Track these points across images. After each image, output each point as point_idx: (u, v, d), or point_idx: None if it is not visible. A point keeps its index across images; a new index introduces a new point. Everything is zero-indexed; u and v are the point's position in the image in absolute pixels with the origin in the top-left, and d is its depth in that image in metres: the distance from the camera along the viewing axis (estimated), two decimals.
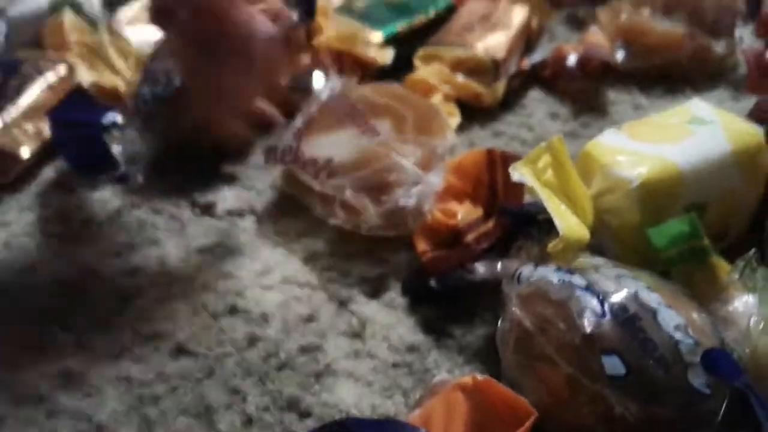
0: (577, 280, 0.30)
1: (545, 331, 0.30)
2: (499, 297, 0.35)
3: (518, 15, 0.56)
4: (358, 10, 0.58)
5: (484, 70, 0.52)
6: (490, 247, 0.38)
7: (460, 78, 0.52)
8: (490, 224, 0.40)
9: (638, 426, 0.28)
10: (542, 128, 0.51)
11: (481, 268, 0.36)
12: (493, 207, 0.41)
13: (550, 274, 0.31)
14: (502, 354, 0.32)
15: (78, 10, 0.61)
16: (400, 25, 0.57)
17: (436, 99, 0.50)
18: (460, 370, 0.34)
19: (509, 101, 0.53)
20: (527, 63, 0.55)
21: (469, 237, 0.39)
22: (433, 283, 0.38)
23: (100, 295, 0.39)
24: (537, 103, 0.54)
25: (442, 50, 0.53)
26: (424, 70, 0.52)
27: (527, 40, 0.57)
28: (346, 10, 0.58)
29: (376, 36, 0.55)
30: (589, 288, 0.30)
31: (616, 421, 0.28)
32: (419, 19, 0.57)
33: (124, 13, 0.62)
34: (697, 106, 0.42)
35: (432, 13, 0.58)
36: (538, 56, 0.56)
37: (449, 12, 0.59)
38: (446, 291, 0.38)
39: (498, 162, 0.42)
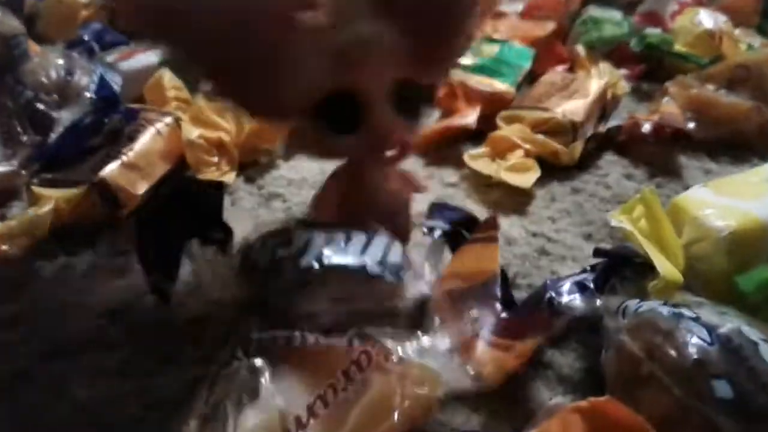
0: (686, 312, 0.32)
1: (654, 357, 0.31)
2: (588, 333, 0.38)
3: (595, 85, 0.59)
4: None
5: (562, 130, 0.55)
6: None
7: (540, 137, 0.55)
8: None
9: None
10: (619, 187, 0.53)
11: (580, 304, 0.38)
12: None
13: (658, 306, 0.33)
14: (608, 379, 0.34)
15: (182, 68, 0.65)
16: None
17: (518, 155, 0.54)
18: (562, 399, 0.36)
19: (586, 162, 0.56)
20: (603, 128, 0.58)
21: None
22: None
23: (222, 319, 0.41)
24: (612, 164, 0.56)
25: (523, 113, 0.57)
26: (507, 129, 0.56)
27: (603, 108, 0.60)
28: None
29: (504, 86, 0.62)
30: (697, 319, 0.32)
31: None
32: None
33: None
34: None
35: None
36: (612, 122, 0.59)
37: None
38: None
39: None
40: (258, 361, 0.33)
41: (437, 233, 0.44)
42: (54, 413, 0.36)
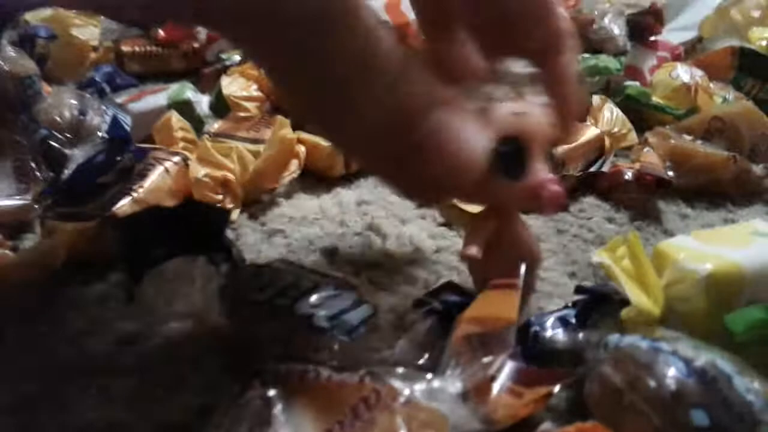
0: (664, 346, 0.34)
1: (635, 389, 0.33)
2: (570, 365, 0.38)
3: (591, 132, 0.62)
4: None
5: None
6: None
7: None
8: None
9: None
10: (601, 230, 0.55)
11: (562, 338, 0.40)
12: None
13: (638, 341, 0.35)
14: (592, 409, 0.35)
15: (190, 110, 0.67)
16: None
17: None
18: (551, 426, 0.37)
19: (570, 206, 0.58)
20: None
21: None
22: None
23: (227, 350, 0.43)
24: (594, 208, 0.58)
25: None
26: None
27: (600, 154, 0.63)
28: None
29: None
30: (674, 353, 0.33)
31: None
32: None
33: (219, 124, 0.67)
34: (759, 223, 0.46)
35: None
36: (595, 168, 0.61)
37: None
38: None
39: None
40: (272, 392, 0.34)
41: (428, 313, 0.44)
42: None
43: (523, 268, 0.41)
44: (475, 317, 0.39)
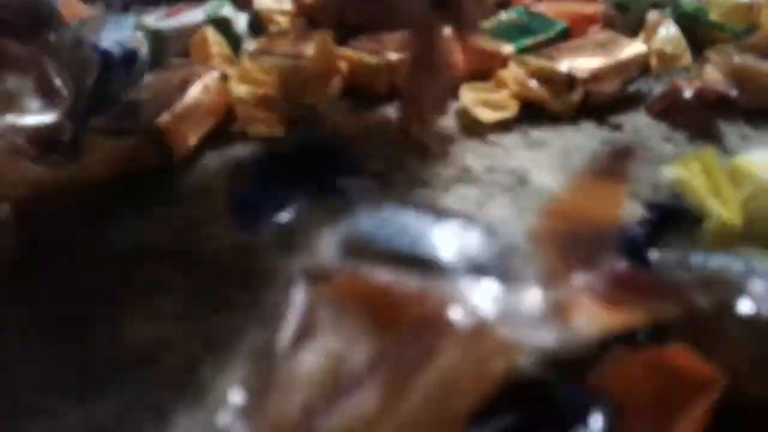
0: (756, 264, 0.30)
1: (727, 314, 0.29)
2: None
3: (631, 49, 0.57)
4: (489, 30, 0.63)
5: (557, 81, 0.54)
6: None
7: (531, 82, 0.54)
8: None
9: None
10: (659, 149, 0.51)
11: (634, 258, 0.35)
12: None
13: (729, 260, 0.31)
14: (672, 335, 0.31)
15: (227, 27, 0.63)
16: (527, 42, 0.60)
17: (502, 93, 0.54)
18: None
19: (625, 126, 0.54)
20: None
21: None
22: None
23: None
24: (651, 128, 0.54)
25: (531, 60, 0.55)
26: (508, 71, 0.55)
27: (643, 70, 0.58)
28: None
29: (509, 48, 0.59)
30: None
31: None
32: (540, 38, 0.61)
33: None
34: None
35: (551, 34, 0.62)
36: (645, 86, 0.57)
37: (564, 34, 0.62)
38: None
39: None
40: (317, 292, 0.28)
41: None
42: (112, 357, 0.35)
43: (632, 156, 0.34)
44: (570, 209, 0.30)
